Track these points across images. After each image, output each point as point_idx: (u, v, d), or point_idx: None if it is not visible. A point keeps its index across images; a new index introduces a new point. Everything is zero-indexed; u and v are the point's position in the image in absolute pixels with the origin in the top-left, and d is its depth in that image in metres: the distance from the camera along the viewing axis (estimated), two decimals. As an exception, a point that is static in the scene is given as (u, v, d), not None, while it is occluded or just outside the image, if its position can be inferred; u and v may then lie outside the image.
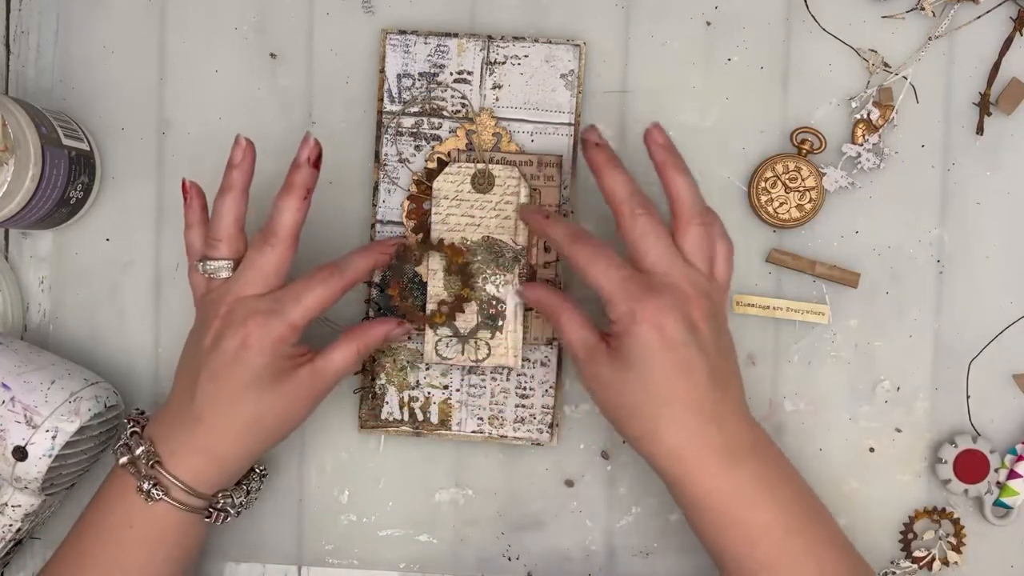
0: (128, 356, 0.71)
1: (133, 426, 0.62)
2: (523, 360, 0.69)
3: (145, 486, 0.60)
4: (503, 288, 0.67)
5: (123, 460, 0.61)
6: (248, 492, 0.65)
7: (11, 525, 0.66)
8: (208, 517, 0.62)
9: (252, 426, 0.61)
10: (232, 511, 0.63)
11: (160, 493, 0.60)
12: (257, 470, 0.66)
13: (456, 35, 0.69)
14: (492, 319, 0.67)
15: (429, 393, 0.69)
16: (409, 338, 0.69)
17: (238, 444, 0.61)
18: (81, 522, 0.63)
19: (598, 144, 0.62)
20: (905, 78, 0.69)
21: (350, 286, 0.62)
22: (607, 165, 0.62)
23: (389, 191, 0.69)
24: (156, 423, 0.62)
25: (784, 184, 0.68)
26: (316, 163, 0.62)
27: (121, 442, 0.62)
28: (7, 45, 0.71)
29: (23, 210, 0.63)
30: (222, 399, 0.60)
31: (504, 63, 0.69)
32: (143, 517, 0.61)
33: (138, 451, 0.61)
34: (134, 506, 0.61)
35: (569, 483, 0.71)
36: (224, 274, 0.62)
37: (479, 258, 0.67)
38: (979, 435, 0.69)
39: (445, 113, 0.69)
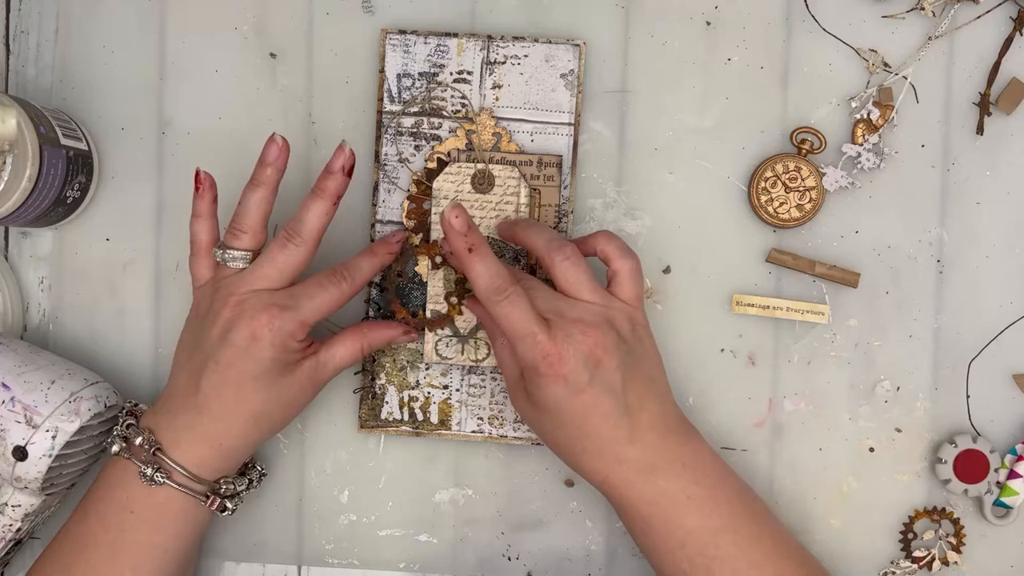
0: (128, 356, 0.71)
1: (129, 418, 0.63)
2: (523, 360, 0.69)
3: (148, 471, 0.61)
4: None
5: (115, 449, 0.62)
6: (250, 482, 0.66)
7: (11, 525, 0.66)
8: (206, 500, 0.63)
9: (259, 417, 0.62)
10: (230, 502, 0.64)
11: (163, 477, 0.61)
12: (259, 467, 0.67)
13: (456, 35, 0.68)
14: (492, 319, 0.67)
15: (429, 393, 0.69)
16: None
17: (243, 434, 0.62)
18: (80, 510, 0.63)
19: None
20: (905, 78, 0.69)
21: (359, 289, 0.64)
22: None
23: (389, 191, 0.69)
24: (156, 411, 0.63)
25: (784, 184, 0.68)
26: (349, 172, 0.63)
27: (117, 432, 0.63)
28: (7, 45, 0.71)
29: (19, 209, 0.63)
30: (229, 390, 0.61)
31: (504, 63, 0.68)
32: (144, 502, 0.61)
33: (137, 440, 0.62)
34: (135, 492, 0.62)
35: (569, 483, 0.71)
36: (241, 264, 0.63)
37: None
38: (979, 435, 0.69)
39: (445, 113, 0.69)
